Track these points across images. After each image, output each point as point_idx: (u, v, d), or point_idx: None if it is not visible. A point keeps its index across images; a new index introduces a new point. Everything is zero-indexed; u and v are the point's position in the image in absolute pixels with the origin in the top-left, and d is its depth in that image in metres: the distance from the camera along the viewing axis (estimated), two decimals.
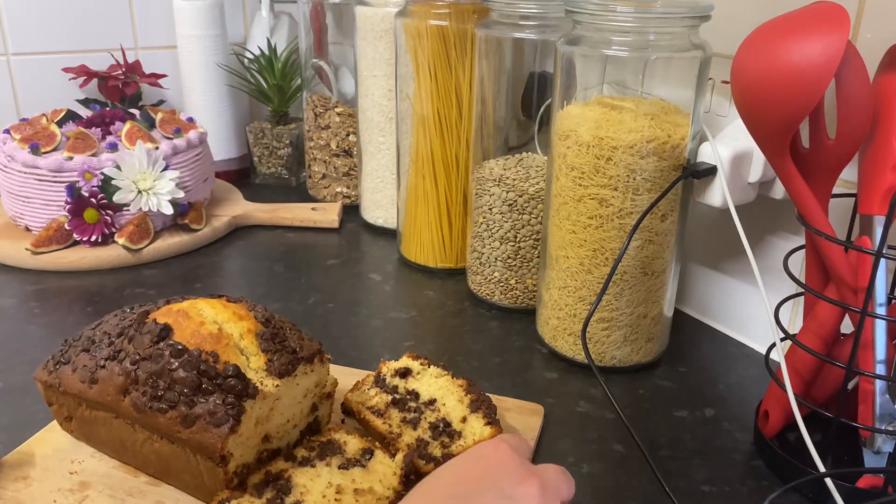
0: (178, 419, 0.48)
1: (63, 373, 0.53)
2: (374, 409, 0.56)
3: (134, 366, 0.50)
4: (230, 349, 0.50)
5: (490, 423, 0.53)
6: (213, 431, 0.47)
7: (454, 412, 0.55)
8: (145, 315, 0.53)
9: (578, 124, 0.63)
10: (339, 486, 0.48)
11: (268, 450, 0.52)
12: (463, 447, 0.52)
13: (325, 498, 0.47)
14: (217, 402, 0.48)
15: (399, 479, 0.49)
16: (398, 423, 0.55)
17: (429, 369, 0.59)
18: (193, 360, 0.49)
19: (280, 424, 0.52)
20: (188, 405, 0.48)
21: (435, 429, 0.54)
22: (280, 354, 0.51)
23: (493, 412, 0.54)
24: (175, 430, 0.48)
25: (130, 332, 0.52)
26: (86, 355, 0.53)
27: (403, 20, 0.82)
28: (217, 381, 0.48)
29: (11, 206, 0.91)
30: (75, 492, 0.52)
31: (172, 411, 0.48)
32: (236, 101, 1.17)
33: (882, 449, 0.52)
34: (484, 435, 0.52)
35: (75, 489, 0.52)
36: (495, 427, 0.53)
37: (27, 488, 0.52)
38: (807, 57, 0.47)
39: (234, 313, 0.53)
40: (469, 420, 0.54)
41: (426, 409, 0.56)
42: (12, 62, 1.08)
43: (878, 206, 0.50)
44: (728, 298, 0.76)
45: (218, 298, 0.55)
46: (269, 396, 0.50)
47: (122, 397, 0.50)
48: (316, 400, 0.56)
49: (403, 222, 0.91)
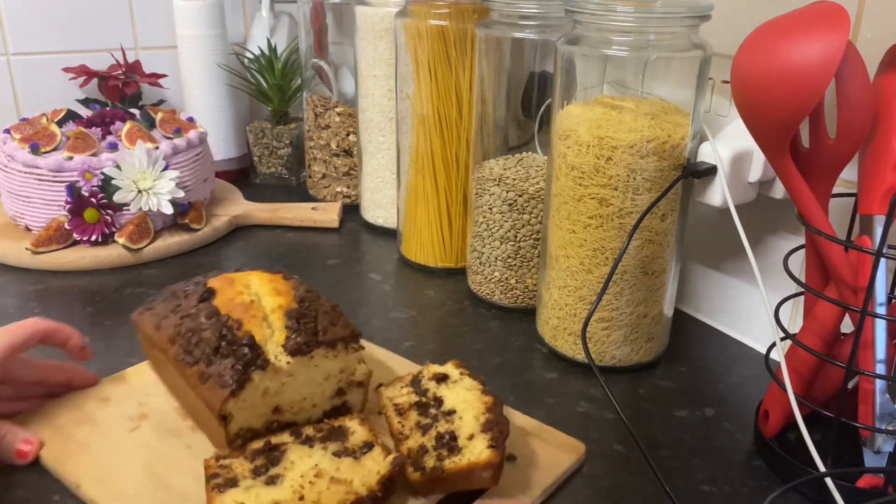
0: (197, 375, 0.53)
1: (144, 317, 0.60)
2: (397, 407, 0.56)
3: (181, 321, 0.56)
4: (256, 320, 0.54)
5: (493, 447, 0.50)
6: (217, 392, 0.51)
7: (466, 427, 0.52)
8: (206, 278, 0.60)
9: (578, 124, 0.63)
10: (321, 471, 0.48)
11: (279, 421, 0.55)
12: (456, 464, 0.49)
13: (303, 478, 0.48)
14: (227, 365, 0.51)
15: (379, 480, 0.48)
16: (411, 426, 0.54)
17: (464, 380, 0.57)
18: (219, 324, 0.53)
19: (295, 400, 0.55)
20: (206, 363, 0.52)
21: (440, 439, 0.52)
22: (299, 334, 0.54)
23: (503, 437, 0.51)
24: (194, 383, 0.53)
25: (189, 290, 0.59)
26: (161, 304, 0.60)
27: (403, 20, 0.82)
28: (234, 346, 0.52)
29: (11, 205, 0.91)
30: (133, 420, 0.59)
31: (196, 367, 0.53)
32: (236, 101, 1.17)
33: (882, 449, 0.52)
34: (482, 458, 0.49)
35: (134, 418, 0.59)
36: (496, 452, 0.49)
37: (103, 408, 0.60)
38: (807, 57, 0.47)
39: (273, 288, 0.57)
40: (475, 439, 0.51)
41: (443, 417, 0.54)
42: (12, 62, 1.07)
43: (878, 205, 0.50)
44: (728, 298, 0.76)
45: (274, 273, 0.59)
46: (281, 372, 0.53)
47: (171, 346, 0.56)
48: (343, 385, 0.57)
49: (403, 222, 0.91)
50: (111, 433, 0.57)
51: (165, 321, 0.57)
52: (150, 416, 0.60)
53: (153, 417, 0.59)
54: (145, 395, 0.62)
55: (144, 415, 0.60)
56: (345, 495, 0.47)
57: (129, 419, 0.59)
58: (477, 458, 0.49)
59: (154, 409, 0.60)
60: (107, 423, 0.58)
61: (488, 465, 0.49)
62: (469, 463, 0.49)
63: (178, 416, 0.59)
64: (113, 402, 0.61)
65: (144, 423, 0.59)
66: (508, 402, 0.64)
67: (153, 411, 0.60)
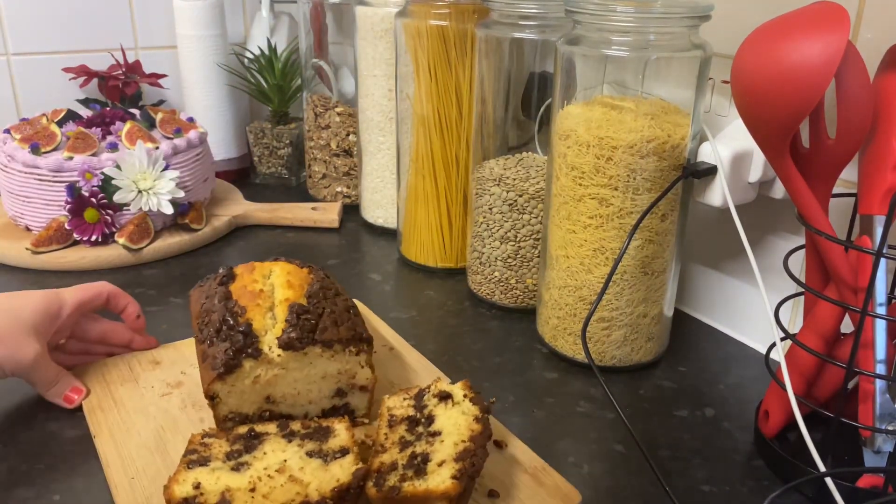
0: (201, 353, 0.55)
1: (195, 292, 0.63)
2: (392, 418, 0.54)
3: (205, 300, 0.58)
4: (260, 309, 0.55)
5: (456, 478, 0.47)
6: (209, 373, 0.52)
7: (441, 452, 0.50)
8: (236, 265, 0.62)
9: (578, 124, 0.63)
10: (284, 467, 0.48)
11: (272, 411, 0.56)
12: (414, 489, 0.47)
13: (266, 470, 0.48)
14: (222, 349, 0.53)
15: (335, 488, 0.47)
16: (395, 440, 0.52)
17: (464, 403, 0.54)
18: (226, 309, 0.55)
19: (289, 394, 0.55)
20: (209, 344, 0.54)
21: (412, 459, 0.50)
22: (294, 329, 0.54)
23: (472, 470, 0.48)
24: (199, 360, 0.55)
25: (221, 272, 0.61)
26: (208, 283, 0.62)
27: (403, 20, 0.82)
28: (231, 331, 0.53)
29: (11, 205, 0.91)
30: (169, 386, 0.63)
31: (203, 344, 0.55)
32: (236, 101, 1.17)
33: (882, 449, 0.52)
34: (440, 487, 0.47)
35: (171, 385, 0.63)
36: (457, 484, 0.47)
37: (151, 371, 0.65)
38: (807, 57, 0.47)
39: (287, 281, 0.58)
40: (444, 465, 0.48)
41: (427, 437, 0.52)
42: (12, 62, 1.08)
43: (878, 205, 0.50)
44: (728, 298, 0.76)
45: (299, 266, 0.60)
46: (272, 364, 0.53)
47: (196, 322, 0.58)
48: (343, 387, 0.57)
49: (403, 222, 0.91)
50: (146, 395, 0.62)
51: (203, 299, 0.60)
52: (185, 385, 0.63)
53: (186, 387, 0.63)
54: (191, 365, 0.65)
55: (181, 383, 0.63)
56: (294, 496, 0.46)
57: (167, 384, 0.63)
58: (436, 486, 0.47)
59: (191, 379, 0.64)
60: (146, 385, 0.63)
61: (444, 496, 0.46)
62: (426, 490, 0.47)
63: None
64: (160, 367, 0.65)
65: (176, 391, 0.62)
66: (508, 401, 0.64)
67: (189, 381, 0.63)
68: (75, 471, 0.55)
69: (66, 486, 0.53)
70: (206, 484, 0.46)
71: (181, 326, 0.75)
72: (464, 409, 0.54)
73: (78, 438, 0.58)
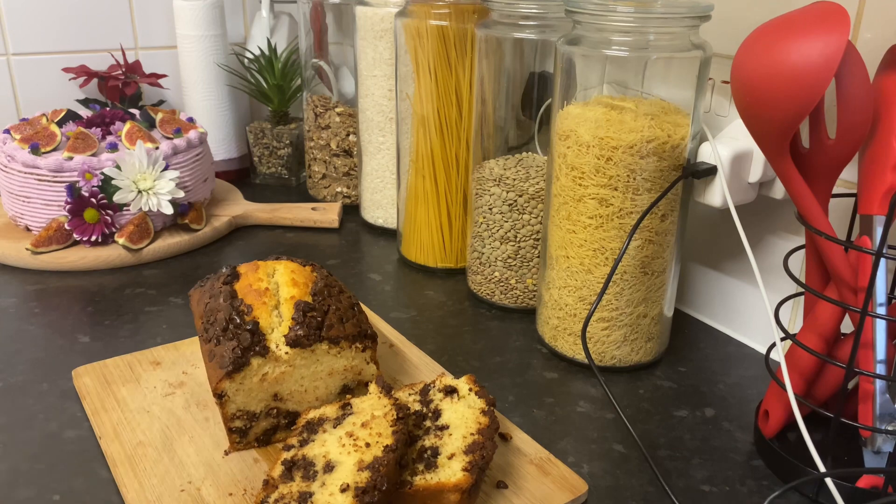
0: (208, 352, 0.55)
1: (195, 292, 0.63)
2: None
3: (209, 299, 0.59)
4: (266, 308, 0.55)
5: (467, 470, 0.48)
6: (217, 371, 0.53)
7: (450, 445, 0.51)
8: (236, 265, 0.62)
9: (578, 124, 0.63)
10: (349, 432, 0.49)
11: (279, 408, 0.56)
12: (426, 482, 0.48)
13: (343, 445, 0.48)
14: (230, 347, 0.53)
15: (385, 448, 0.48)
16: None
17: (470, 397, 0.55)
18: (232, 307, 0.55)
19: (296, 391, 0.56)
20: (216, 342, 0.54)
21: (422, 453, 0.50)
22: (301, 326, 0.54)
23: (482, 462, 0.49)
24: (205, 360, 0.55)
25: (223, 271, 0.61)
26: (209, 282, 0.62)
27: (403, 20, 0.82)
28: (238, 329, 0.54)
29: (11, 206, 0.91)
30: (171, 386, 0.63)
31: (208, 344, 0.55)
32: (236, 101, 1.17)
33: (882, 449, 0.52)
34: (452, 479, 0.47)
35: (173, 384, 0.63)
36: (468, 476, 0.48)
37: (151, 371, 0.65)
38: (807, 57, 0.47)
39: (292, 279, 0.58)
40: (455, 458, 0.49)
41: (434, 431, 0.52)
42: (12, 62, 1.08)
43: (878, 206, 0.50)
44: (728, 298, 0.76)
45: (302, 264, 0.61)
46: (280, 361, 0.54)
47: (199, 321, 0.59)
48: (349, 384, 0.57)
49: (403, 222, 0.91)
50: (148, 395, 0.62)
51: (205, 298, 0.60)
52: (187, 384, 0.63)
53: (189, 386, 0.63)
54: (192, 365, 0.66)
55: (183, 383, 0.63)
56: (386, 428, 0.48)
57: (169, 385, 0.63)
58: (447, 479, 0.48)
59: (193, 378, 0.64)
60: (149, 386, 0.63)
61: (456, 488, 0.47)
62: (438, 483, 0.48)
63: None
64: (161, 368, 0.66)
65: (179, 391, 0.62)
66: (508, 401, 0.64)
67: (191, 381, 0.64)
68: (75, 471, 0.55)
69: (66, 486, 0.53)
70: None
71: (181, 326, 0.75)
72: (470, 402, 0.55)
73: (78, 438, 0.58)
